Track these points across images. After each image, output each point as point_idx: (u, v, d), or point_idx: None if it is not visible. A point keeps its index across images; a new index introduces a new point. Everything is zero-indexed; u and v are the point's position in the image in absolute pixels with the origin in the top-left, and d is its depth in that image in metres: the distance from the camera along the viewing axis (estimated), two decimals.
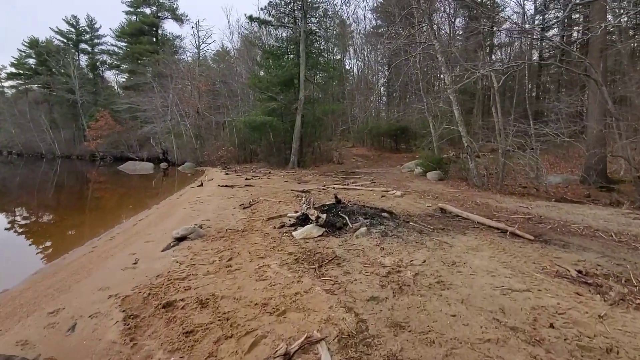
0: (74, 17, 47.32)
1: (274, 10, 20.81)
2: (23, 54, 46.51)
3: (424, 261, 3.61)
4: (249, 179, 13.37)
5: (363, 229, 4.65)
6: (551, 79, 24.44)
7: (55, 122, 41.58)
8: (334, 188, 9.94)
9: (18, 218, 9.08)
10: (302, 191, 9.35)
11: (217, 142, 24.53)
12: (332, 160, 21.18)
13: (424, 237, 4.58)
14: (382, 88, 35.13)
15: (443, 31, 24.46)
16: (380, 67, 34.25)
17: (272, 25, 21.74)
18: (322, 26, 20.41)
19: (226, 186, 11.00)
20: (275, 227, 5.25)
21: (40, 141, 40.97)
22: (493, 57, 25.09)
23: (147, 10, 44.34)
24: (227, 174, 16.49)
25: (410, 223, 5.34)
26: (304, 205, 5.66)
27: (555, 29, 20.85)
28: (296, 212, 6.02)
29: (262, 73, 22.45)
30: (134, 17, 44.18)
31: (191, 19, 42.47)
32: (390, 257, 3.74)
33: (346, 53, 35.55)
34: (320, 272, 3.35)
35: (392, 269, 3.39)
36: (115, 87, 49.55)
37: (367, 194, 8.79)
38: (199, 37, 38.49)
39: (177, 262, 3.68)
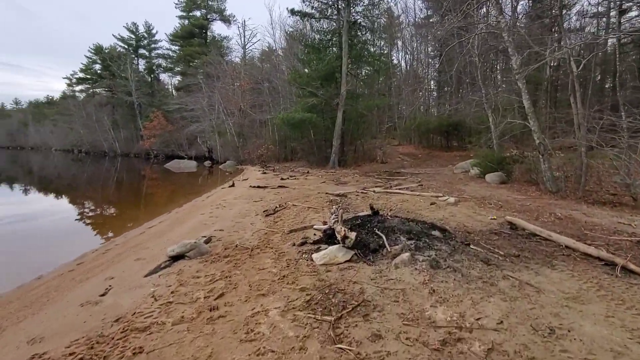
0: (134, 24, 50.53)
1: (316, 2, 19.93)
2: (90, 60, 50.83)
3: (500, 322, 2.34)
4: (284, 179, 12.57)
5: (405, 255, 3.44)
6: (627, 68, 20.53)
7: (116, 123, 44.82)
8: (374, 192, 8.72)
9: (86, 210, 10.30)
10: (338, 195, 8.27)
11: (258, 140, 24.31)
12: (375, 159, 19.77)
13: (494, 272, 3.27)
14: (432, 82, 32.76)
15: (505, 14, 21.74)
16: (430, 60, 31.93)
17: (314, 18, 20.88)
18: (368, 14, 19.04)
19: (258, 187, 10.27)
20: (294, 244, 4.24)
21: (103, 140, 44.45)
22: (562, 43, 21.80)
23: (198, 13, 45.97)
24: (264, 173, 15.92)
25: (471, 246, 4.01)
26: (332, 217, 4.58)
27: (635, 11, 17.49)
28: (324, 223, 4.96)
29: (306, 70, 21.71)
30: (186, 21, 46.05)
31: (238, 20, 43.11)
32: (444, 307, 2.52)
33: (393, 46, 33.67)
34: (336, 331, 2.25)
35: (449, 334, 2.19)
36: (170, 89, 52.23)
37: (413, 200, 7.46)
38: (244, 36, 39.10)
39: (153, 296, 2.81)
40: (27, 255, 5.47)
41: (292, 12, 20.76)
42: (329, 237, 4.25)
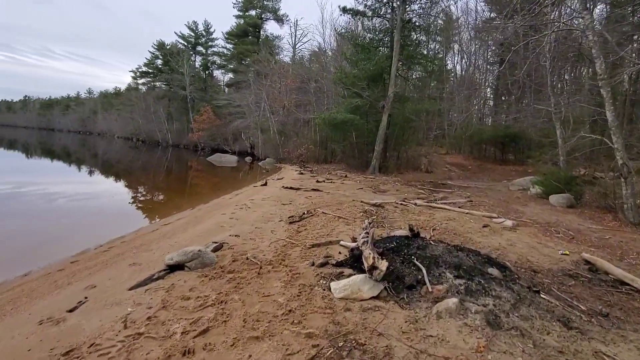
0: (194, 22, 53.02)
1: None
2: (153, 55, 54.25)
3: None
4: (319, 182, 11.95)
5: (452, 302, 2.60)
6: None
7: (171, 115, 47.33)
8: (415, 204, 7.77)
9: (138, 195, 11.21)
10: (374, 205, 7.44)
11: (299, 139, 24.00)
12: (419, 167, 18.49)
13: (578, 342, 2.32)
14: (488, 90, 30.41)
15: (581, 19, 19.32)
16: (488, 67, 29.68)
17: (366, 17, 20.11)
18: (424, 13, 17.86)
19: (290, 188, 9.74)
20: (313, 264, 3.55)
21: (158, 131, 47.13)
22: None
23: (253, 12, 47.09)
24: (300, 173, 15.44)
25: (542, 295, 3.04)
26: (363, 234, 3.82)
27: None
28: (353, 240, 4.22)
29: (354, 71, 21.02)
30: (241, 20, 47.37)
31: (290, 19, 43.48)
32: None
33: (449, 50, 31.75)
34: None
35: None
36: (222, 85, 54.13)
37: (460, 219, 6.42)
38: (295, 36, 39.28)
39: (125, 321, 2.28)
40: (92, 229, 6.15)
41: (344, 10, 20.14)
42: (356, 260, 3.51)
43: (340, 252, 3.95)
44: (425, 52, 21.36)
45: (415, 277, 3.01)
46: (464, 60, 32.19)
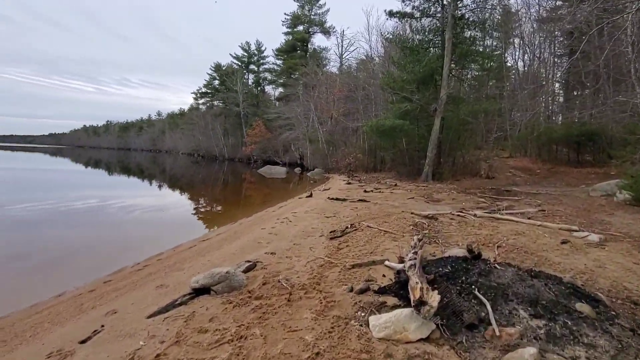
0: (247, 43, 56.07)
1: (417, 0, 18.38)
2: (211, 76, 58.28)
3: None
4: (367, 192, 11.40)
5: (529, 353, 1.96)
6: None
7: (226, 131, 50.21)
8: (475, 216, 6.88)
9: (199, 206, 12.13)
10: (427, 216, 6.73)
11: (347, 148, 23.64)
12: (479, 173, 16.95)
13: None
14: (557, 85, 27.28)
15: None
16: (556, 60, 26.71)
17: (414, 18, 19.32)
18: (478, 7, 16.60)
19: (336, 199, 9.35)
20: (352, 289, 3.09)
21: (215, 146, 50.23)
22: None
23: (300, 28, 48.38)
24: (348, 183, 15.00)
25: None
26: (411, 255, 3.28)
27: None
28: (401, 260, 3.68)
29: (403, 74, 20.23)
30: (290, 37, 48.91)
31: (337, 30, 43.80)
32: None
33: (509, 46, 29.25)
34: None
35: None
36: (272, 99, 56.21)
37: (531, 233, 5.47)
38: (342, 46, 39.42)
39: (132, 358, 2.03)
40: (161, 238, 6.62)
41: (390, 14, 19.58)
42: (402, 286, 2.97)
43: (384, 275, 3.43)
44: (481, 49, 19.86)
45: (477, 313, 2.40)
46: (526, 55, 29.43)
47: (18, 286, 4.50)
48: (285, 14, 48.26)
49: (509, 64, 29.35)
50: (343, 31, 39.93)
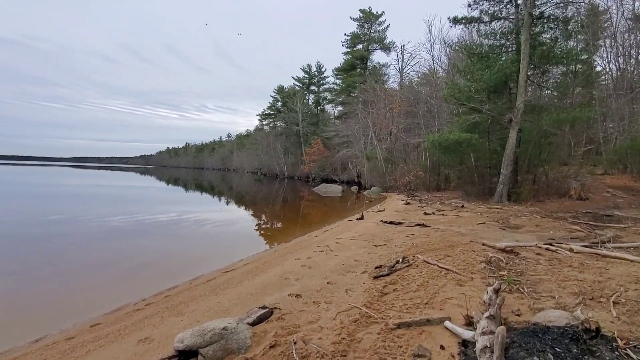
0: (308, 65, 57.87)
1: (485, 3, 16.75)
2: (274, 99, 61.05)
3: None
4: (428, 214, 10.02)
5: None
6: None
7: (287, 149, 51.64)
8: (571, 251, 5.26)
9: (261, 222, 12.56)
10: (504, 250, 5.32)
11: (406, 166, 22.08)
12: (567, 193, 14.24)
13: None
14: None
15: None
16: None
17: (482, 23, 17.62)
18: (561, 1, 14.41)
19: (390, 223, 8.22)
20: None
21: (276, 164, 51.84)
22: None
23: (360, 46, 48.40)
24: (407, 203, 13.62)
25: None
26: (483, 325, 2.18)
27: None
28: (468, 320, 2.58)
29: (470, 83, 18.44)
30: (349, 56, 49.20)
31: (397, 45, 42.77)
32: None
33: (597, 48, 25.32)
34: None
35: None
36: (332, 118, 56.63)
37: None
38: (402, 60, 38.20)
39: None
40: (229, 251, 7.09)
41: (455, 21, 18.12)
42: None
43: (442, 348, 2.36)
44: (565, 48, 17.27)
45: None
46: (620, 58, 25.17)
47: (107, 289, 4.96)
48: (345, 34, 48.81)
49: (598, 68, 25.37)
50: (403, 46, 38.67)
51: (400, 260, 4.67)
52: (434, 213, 10.31)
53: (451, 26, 20.60)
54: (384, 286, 3.66)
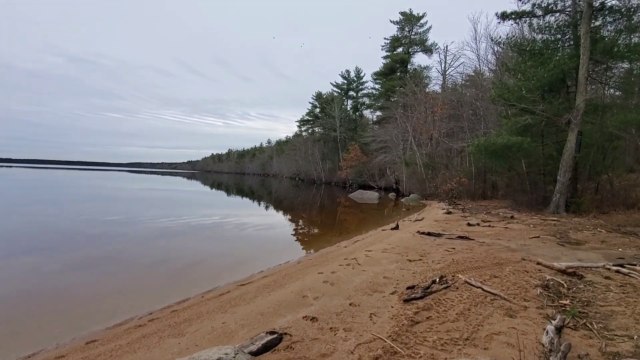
0: (347, 71, 57.62)
1: None
2: (312, 105, 61.47)
3: None
4: (471, 225, 9.14)
5: None
6: None
7: (324, 155, 51.59)
8: None
9: (299, 228, 12.67)
10: (564, 271, 4.53)
11: (448, 172, 20.79)
12: (636, 204, 12.44)
13: None
14: None
15: None
16: None
17: (534, 17, 16.21)
18: None
19: (428, 234, 7.54)
20: None
21: (314, 170, 51.95)
22: None
23: (400, 49, 47.26)
24: (448, 212, 12.66)
25: None
26: None
27: None
28: None
29: (520, 82, 16.97)
30: (388, 60, 48.18)
31: (439, 46, 41.16)
32: None
33: None
34: None
35: None
36: (370, 123, 55.74)
37: None
38: (445, 62, 36.62)
39: None
40: (269, 255, 7.28)
41: (503, 16, 16.87)
42: None
43: None
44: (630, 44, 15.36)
45: None
46: None
47: (154, 287, 5.21)
48: (384, 38, 47.95)
49: None
50: (446, 46, 37.20)
51: (437, 280, 4.09)
52: (478, 224, 9.39)
53: (499, 22, 19.17)
54: (416, 312, 3.14)
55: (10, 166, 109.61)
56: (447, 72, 36.30)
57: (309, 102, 61.27)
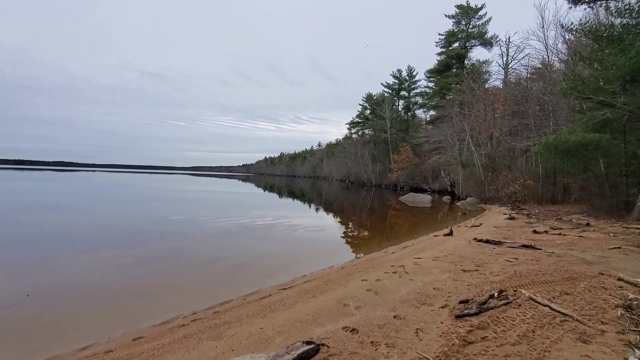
0: (399, 70, 56.16)
1: None
2: (362, 107, 60.90)
3: None
4: (538, 233, 8.24)
5: None
6: None
7: (374, 157, 50.77)
8: None
9: (348, 230, 12.65)
10: None
11: (511, 174, 19.08)
12: None
13: None
14: None
15: None
16: None
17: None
18: None
19: (486, 242, 6.94)
20: None
21: (363, 172, 51.40)
22: None
23: (456, 44, 44.83)
24: (510, 218, 11.59)
25: None
26: None
27: None
28: None
29: (597, 71, 15.03)
30: (443, 57, 45.91)
31: (500, 39, 38.25)
32: None
33: None
34: None
35: None
36: (423, 123, 53.62)
37: None
38: (507, 54, 33.88)
39: None
40: (320, 256, 7.45)
41: (575, 0, 15.23)
42: None
43: None
44: None
45: None
46: None
47: (210, 284, 5.52)
48: (439, 34, 45.83)
49: None
50: (509, 38, 34.22)
51: (496, 294, 3.71)
52: (546, 232, 8.44)
53: (570, 7, 17.23)
54: (469, 331, 2.85)
55: (94, 170, 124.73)
56: (510, 66, 33.51)
57: (359, 104, 60.88)
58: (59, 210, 14.26)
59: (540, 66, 25.75)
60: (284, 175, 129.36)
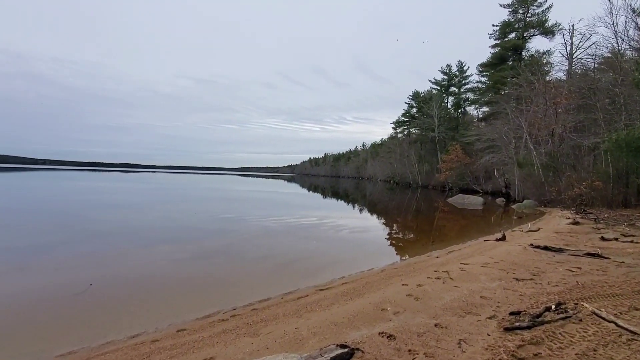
0: (448, 66, 53.72)
1: None
2: (408, 105, 59.14)
3: None
4: (607, 240, 7.39)
5: None
6: None
7: (421, 157, 49.03)
8: None
9: (392, 232, 12.44)
10: None
11: (575, 174, 17.29)
12: None
13: None
14: None
15: None
16: None
17: None
18: None
19: (544, 249, 6.37)
20: None
21: (409, 173, 49.89)
22: None
23: (512, 35, 41.79)
24: (574, 222, 10.51)
25: None
26: None
27: None
28: None
29: None
30: (497, 49, 43.02)
31: (563, 26, 34.90)
32: None
33: None
34: None
35: None
36: (475, 121, 50.68)
37: None
38: (571, 43, 30.87)
39: None
40: (366, 257, 7.54)
41: None
42: None
43: None
44: None
45: None
46: None
47: (258, 280, 5.77)
48: (493, 25, 43.05)
49: None
50: (572, 25, 31.09)
51: (553, 306, 3.40)
52: (616, 239, 7.54)
53: None
54: (520, 345, 2.65)
55: (155, 171, 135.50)
56: (575, 55, 30.49)
57: (405, 103, 59.19)
58: (125, 208, 15.79)
59: (610, 55, 23.00)
60: (328, 176, 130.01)
